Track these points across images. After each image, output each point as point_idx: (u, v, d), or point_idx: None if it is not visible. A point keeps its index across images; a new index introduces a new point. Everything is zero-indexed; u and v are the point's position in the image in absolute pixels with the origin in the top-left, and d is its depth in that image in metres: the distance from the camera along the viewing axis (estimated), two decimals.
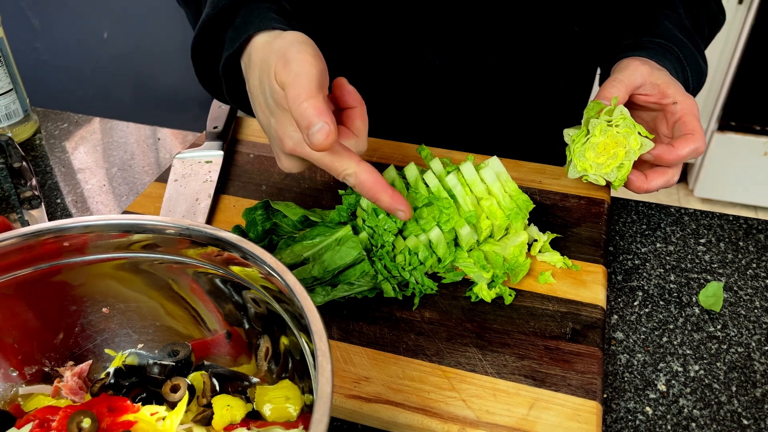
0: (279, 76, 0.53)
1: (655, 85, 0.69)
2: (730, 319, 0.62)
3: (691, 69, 0.76)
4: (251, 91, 0.60)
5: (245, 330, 0.48)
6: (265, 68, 0.55)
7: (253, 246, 0.42)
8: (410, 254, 0.62)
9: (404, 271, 0.61)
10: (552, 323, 0.58)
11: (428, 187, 0.64)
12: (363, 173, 0.54)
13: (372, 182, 0.54)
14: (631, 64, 0.70)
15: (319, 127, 0.49)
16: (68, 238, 0.46)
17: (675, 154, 0.65)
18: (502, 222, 0.63)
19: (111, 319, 0.50)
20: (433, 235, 0.61)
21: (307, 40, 0.55)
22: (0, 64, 0.85)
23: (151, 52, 1.91)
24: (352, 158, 0.54)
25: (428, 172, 0.65)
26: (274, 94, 0.55)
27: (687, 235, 0.72)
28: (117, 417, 0.43)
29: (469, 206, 0.63)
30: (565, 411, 0.50)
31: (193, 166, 0.77)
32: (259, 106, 0.59)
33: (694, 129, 0.66)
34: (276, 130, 0.57)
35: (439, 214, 0.61)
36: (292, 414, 0.43)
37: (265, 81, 0.55)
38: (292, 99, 0.51)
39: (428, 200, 0.62)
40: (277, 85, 0.54)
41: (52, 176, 0.84)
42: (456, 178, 0.64)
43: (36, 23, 1.80)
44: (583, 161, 0.67)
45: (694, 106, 0.68)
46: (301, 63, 0.52)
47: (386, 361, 0.54)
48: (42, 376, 0.49)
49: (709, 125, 2.37)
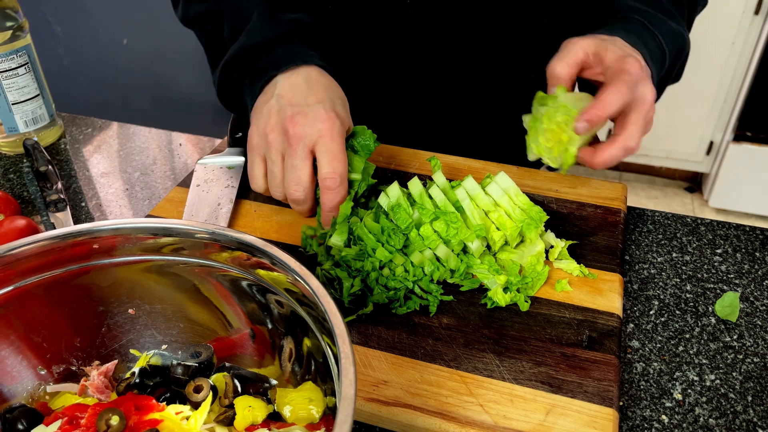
0: (325, 141, 0.65)
1: (596, 54, 0.68)
2: (746, 329, 0.63)
3: (661, 33, 0.73)
4: (272, 111, 0.67)
5: (269, 330, 0.49)
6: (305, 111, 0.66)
7: (279, 252, 0.43)
8: (413, 267, 0.62)
9: (407, 281, 0.62)
10: (568, 330, 0.58)
11: (433, 200, 0.65)
12: None
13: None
14: (574, 41, 0.69)
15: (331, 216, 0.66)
16: (98, 240, 0.47)
17: (598, 161, 0.65)
18: (513, 231, 0.64)
19: (137, 320, 0.51)
20: (441, 251, 0.62)
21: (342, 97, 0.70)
22: (27, 70, 0.87)
23: (169, 59, 1.94)
24: None
25: (433, 186, 0.66)
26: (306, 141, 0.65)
27: (703, 245, 0.73)
28: (143, 415, 0.44)
29: (478, 219, 0.63)
30: (582, 418, 0.51)
31: (215, 172, 0.79)
32: (272, 132, 0.67)
33: (628, 122, 0.64)
34: (287, 171, 0.67)
35: (446, 228, 0.62)
36: (315, 416, 0.44)
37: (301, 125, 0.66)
38: (331, 174, 0.65)
39: (435, 215, 0.63)
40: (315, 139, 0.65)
41: (76, 180, 0.85)
42: (464, 192, 0.64)
43: (58, 30, 1.83)
44: (537, 146, 0.69)
45: (625, 72, 0.64)
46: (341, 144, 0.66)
47: (404, 366, 0.55)
48: (68, 375, 0.50)
49: (725, 135, 2.37)
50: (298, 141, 0.65)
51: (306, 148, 0.65)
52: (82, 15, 1.86)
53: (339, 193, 0.66)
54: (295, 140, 0.65)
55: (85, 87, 1.94)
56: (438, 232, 0.62)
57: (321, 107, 0.66)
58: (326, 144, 0.65)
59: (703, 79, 2.30)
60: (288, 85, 0.68)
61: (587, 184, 0.77)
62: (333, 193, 0.66)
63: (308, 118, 0.65)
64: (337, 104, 0.68)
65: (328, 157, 0.65)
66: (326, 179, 0.65)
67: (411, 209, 0.64)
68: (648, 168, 2.69)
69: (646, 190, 2.64)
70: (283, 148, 0.67)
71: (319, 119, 0.65)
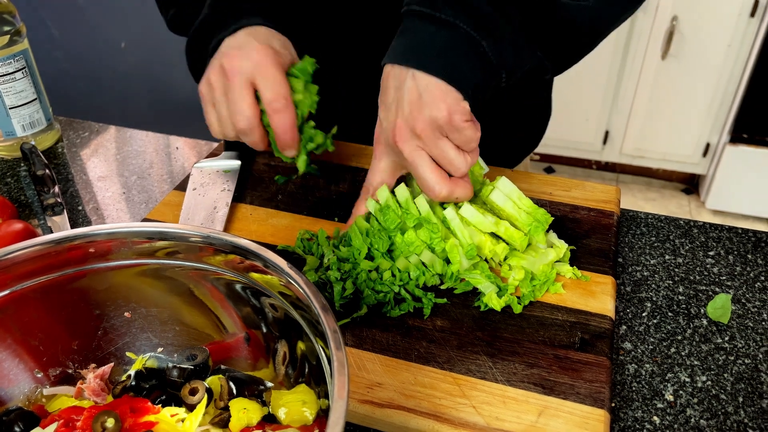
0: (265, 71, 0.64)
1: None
2: (737, 330, 0.63)
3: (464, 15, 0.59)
4: (214, 59, 0.68)
5: (263, 333, 0.49)
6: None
7: (273, 255, 0.43)
8: (399, 272, 0.63)
9: (393, 286, 0.62)
10: (561, 333, 0.59)
11: (418, 209, 0.65)
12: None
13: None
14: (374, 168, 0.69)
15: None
16: (94, 244, 0.47)
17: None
18: (522, 242, 0.64)
19: (132, 323, 0.52)
20: (426, 257, 0.63)
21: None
22: (24, 74, 0.87)
23: (167, 62, 1.94)
24: None
25: (420, 196, 0.66)
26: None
27: (696, 247, 0.73)
28: (139, 418, 0.45)
29: (467, 239, 0.63)
30: (574, 419, 0.51)
31: (211, 176, 0.79)
32: (213, 74, 0.67)
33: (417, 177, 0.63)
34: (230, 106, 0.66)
35: (430, 236, 0.63)
36: (308, 418, 0.45)
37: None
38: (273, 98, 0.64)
39: (419, 221, 0.63)
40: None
41: (73, 184, 0.86)
42: (454, 212, 0.64)
43: (56, 33, 1.84)
44: None
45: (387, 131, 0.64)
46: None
47: (398, 368, 0.55)
48: (65, 378, 0.51)
49: (721, 137, 2.38)
50: (234, 74, 0.66)
51: (244, 79, 0.65)
52: (80, 18, 1.87)
53: (287, 115, 0.66)
54: (231, 74, 0.66)
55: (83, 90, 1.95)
56: (422, 240, 0.63)
57: (255, 42, 0.67)
58: (264, 73, 0.65)
59: (700, 82, 2.31)
60: (231, 39, 0.69)
61: (581, 187, 0.77)
62: (281, 115, 0.66)
63: (243, 51, 0.66)
64: (274, 42, 0.68)
65: (269, 84, 0.65)
66: (271, 103, 0.65)
67: (400, 211, 0.64)
68: (645, 170, 2.70)
69: (643, 192, 2.65)
70: (224, 86, 0.67)
71: (254, 50, 0.66)
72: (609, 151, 2.59)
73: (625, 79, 2.40)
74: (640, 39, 2.30)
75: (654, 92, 2.39)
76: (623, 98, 2.44)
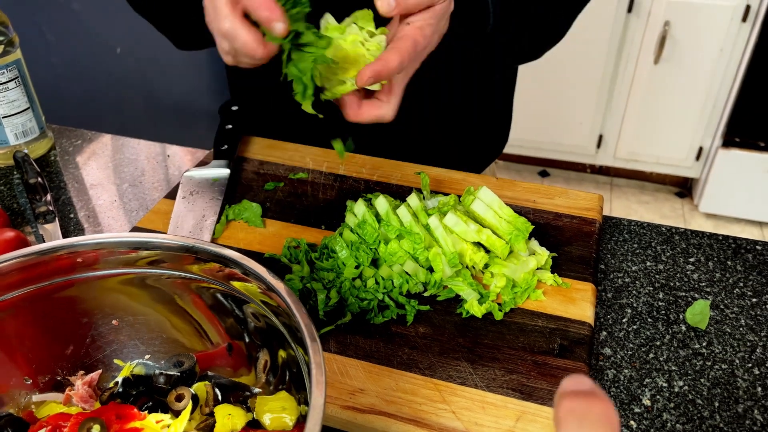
0: None
1: None
2: (715, 336, 0.64)
3: None
4: None
5: (245, 343, 0.50)
6: None
7: (252, 262, 0.45)
8: (384, 279, 0.65)
9: (377, 293, 0.64)
10: (541, 339, 0.60)
11: (400, 219, 0.66)
12: None
13: None
14: None
15: None
16: (81, 254, 0.49)
17: (356, 116, 0.61)
18: (504, 250, 0.65)
19: (120, 331, 0.53)
20: (409, 267, 0.64)
21: None
22: (17, 84, 0.88)
23: (163, 67, 1.96)
24: None
25: (402, 206, 0.67)
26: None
27: (677, 254, 0.75)
28: (125, 424, 0.46)
29: (450, 247, 0.65)
30: (551, 424, 0.52)
31: (200, 184, 0.80)
32: None
33: (390, 90, 0.60)
34: None
35: (413, 246, 0.64)
36: (288, 423, 0.46)
37: None
38: None
39: (400, 233, 0.65)
40: None
41: (66, 192, 0.87)
42: (437, 220, 0.66)
43: (52, 39, 1.85)
44: None
45: (419, 36, 0.58)
46: None
47: (381, 374, 0.57)
48: (54, 385, 0.52)
49: (714, 141, 2.39)
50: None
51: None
52: (74, 24, 1.88)
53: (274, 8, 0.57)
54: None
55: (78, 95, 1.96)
56: (405, 250, 0.64)
57: None
58: None
59: (693, 86, 2.32)
60: None
61: (564, 194, 0.78)
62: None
63: None
64: None
65: None
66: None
67: (377, 225, 0.66)
68: (638, 173, 2.71)
69: (636, 196, 2.66)
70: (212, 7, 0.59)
71: None
72: (603, 155, 2.60)
73: (619, 84, 2.41)
74: (632, 44, 2.31)
75: (647, 96, 2.41)
76: (617, 102, 2.45)
